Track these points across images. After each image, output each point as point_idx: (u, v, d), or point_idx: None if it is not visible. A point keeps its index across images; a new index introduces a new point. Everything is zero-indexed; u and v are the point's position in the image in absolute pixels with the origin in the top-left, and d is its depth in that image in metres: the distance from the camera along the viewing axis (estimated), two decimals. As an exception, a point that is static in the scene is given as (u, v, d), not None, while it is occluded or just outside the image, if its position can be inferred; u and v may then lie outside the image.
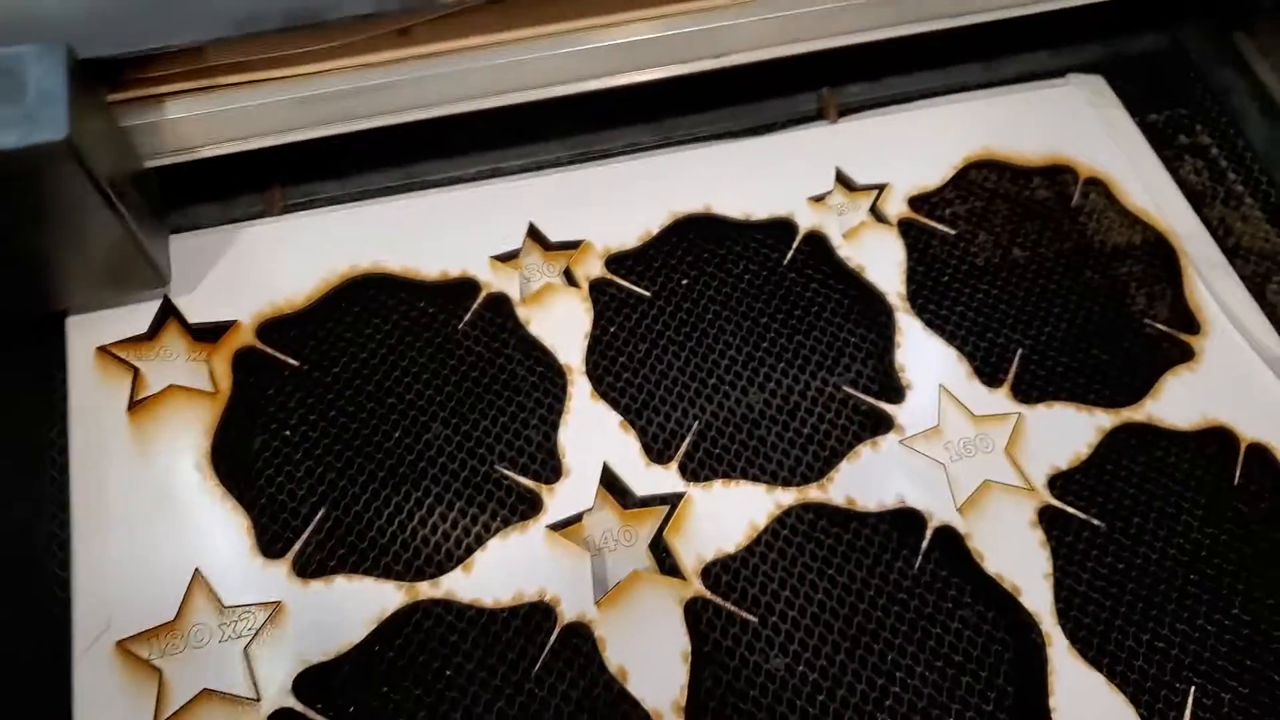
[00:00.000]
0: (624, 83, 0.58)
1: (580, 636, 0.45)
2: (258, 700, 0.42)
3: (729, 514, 0.49)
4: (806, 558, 0.49)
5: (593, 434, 0.50)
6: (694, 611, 0.46)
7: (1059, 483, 0.51)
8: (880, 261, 0.57)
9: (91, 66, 0.43)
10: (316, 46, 0.51)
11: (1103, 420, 0.53)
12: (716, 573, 0.48)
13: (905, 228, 0.59)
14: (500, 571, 0.46)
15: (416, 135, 0.56)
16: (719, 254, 0.57)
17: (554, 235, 0.56)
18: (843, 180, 0.60)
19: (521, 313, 0.54)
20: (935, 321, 0.56)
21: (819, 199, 0.59)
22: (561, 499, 0.48)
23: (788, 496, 0.50)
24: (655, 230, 0.57)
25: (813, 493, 0.50)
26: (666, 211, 0.58)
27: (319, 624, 0.44)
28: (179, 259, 0.53)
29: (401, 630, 0.45)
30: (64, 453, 0.48)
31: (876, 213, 0.59)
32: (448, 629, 0.45)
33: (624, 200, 0.58)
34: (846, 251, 0.57)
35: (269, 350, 0.51)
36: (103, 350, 0.50)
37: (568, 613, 0.45)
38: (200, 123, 0.51)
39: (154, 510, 0.46)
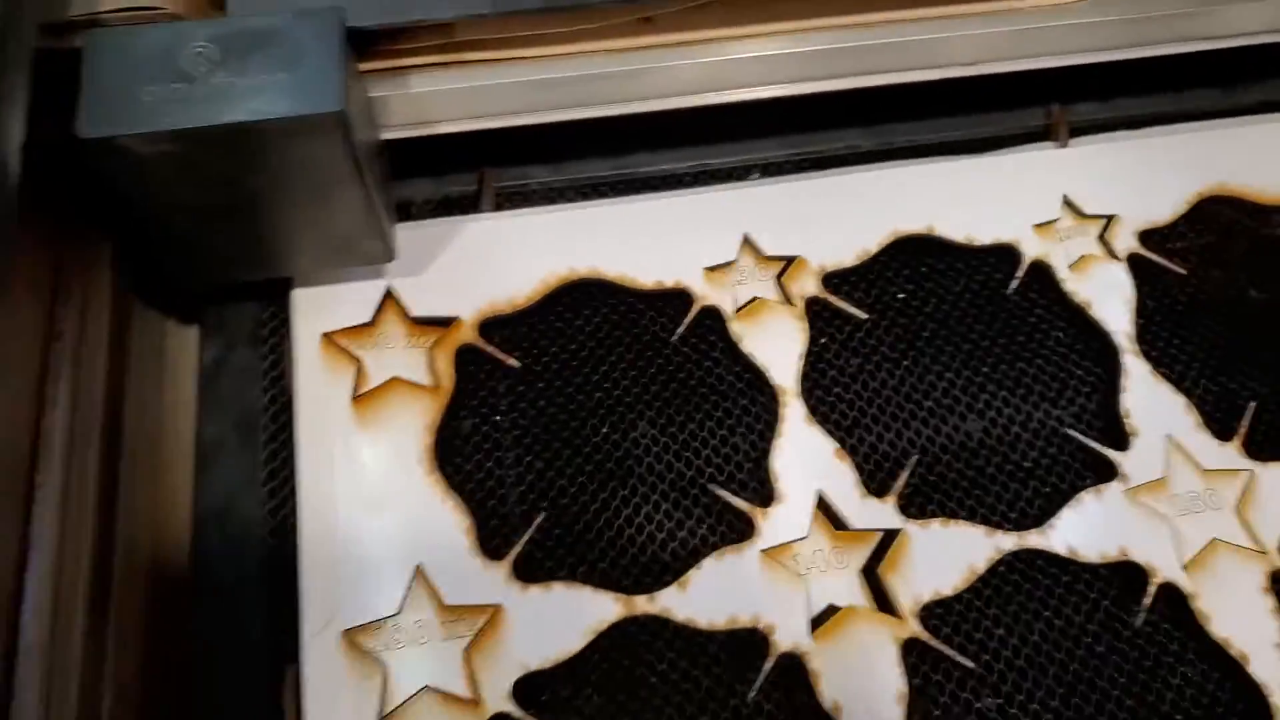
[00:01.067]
0: (848, 86, 0.56)
1: (795, 668, 0.45)
2: (478, 703, 0.43)
3: (947, 555, 0.48)
4: (1024, 604, 0.47)
5: (807, 460, 0.49)
6: (910, 652, 0.45)
7: (1295, 548, 0.49)
8: (1108, 298, 0.55)
9: (352, 35, 0.44)
10: (560, 29, 0.50)
11: (1345, 485, 0.50)
12: (934, 614, 0.46)
13: (1135, 263, 0.56)
14: (715, 592, 0.46)
15: (629, 127, 0.55)
16: (939, 272, 0.56)
17: (769, 249, 0.55)
18: (1071, 208, 0.57)
19: (734, 328, 0.53)
20: (1164, 366, 0.53)
21: (1045, 226, 0.57)
22: (775, 523, 0.48)
23: (1008, 542, 0.48)
24: (874, 249, 0.56)
25: (1033, 539, 0.48)
26: (888, 230, 0.56)
27: (538, 630, 0.45)
28: (401, 248, 0.53)
29: (618, 643, 0.45)
30: (276, 422, 0.49)
31: (1105, 244, 0.56)
32: (663, 646, 0.45)
33: (842, 215, 0.56)
34: (1072, 285, 0.55)
35: (489, 349, 0.52)
36: (328, 338, 0.51)
37: (782, 642, 0.45)
38: (440, 99, 0.51)
39: (378, 504, 0.47)
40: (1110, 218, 0.57)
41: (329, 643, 0.44)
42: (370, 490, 0.47)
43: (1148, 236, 0.57)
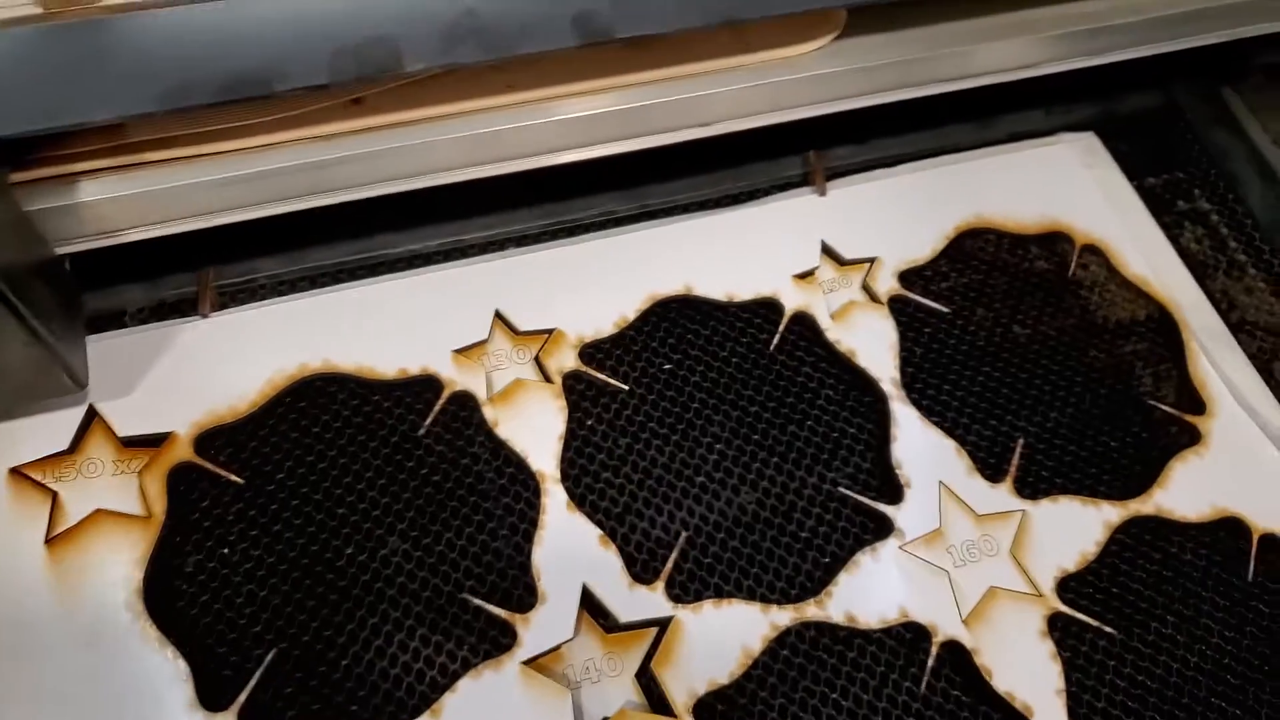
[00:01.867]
0: (599, 155, 0.54)
1: (564, 792, 0.41)
2: None
3: (721, 638, 0.45)
4: (807, 683, 0.45)
5: (570, 551, 0.46)
6: (687, 755, 0.42)
7: (1069, 586, 0.48)
8: (872, 344, 0.54)
9: None
10: (254, 120, 0.46)
11: (1110, 514, 0.50)
12: (710, 707, 0.43)
13: (897, 305, 0.55)
14: (473, 718, 0.42)
15: (371, 207, 0.51)
16: (702, 336, 0.53)
17: (523, 324, 0.52)
18: (829, 254, 0.56)
19: (489, 413, 0.49)
20: (933, 411, 0.53)
21: (805, 275, 0.55)
22: (538, 628, 0.44)
23: (784, 616, 0.46)
24: (632, 315, 0.53)
25: (810, 610, 0.46)
26: (644, 294, 0.54)
27: (268, 791, 0.39)
28: (103, 362, 0.48)
29: (362, 794, 0.40)
30: None
31: (867, 290, 0.55)
32: (415, 790, 0.41)
33: (597, 282, 0.54)
34: (836, 333, 0.54)
35: (208, 465, 0.46)
36: (16, 472, 0.45)
37: (548, 764, 0.41)
38: (121, 204, 0.45)
39: (79, 660, 0.41)
40: (871, 260, 0.56)
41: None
42: (70, 645, 0.41)
43: (908, 276, 0.56)
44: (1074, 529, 0.50)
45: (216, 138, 0.45)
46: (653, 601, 0.45)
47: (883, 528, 0.49)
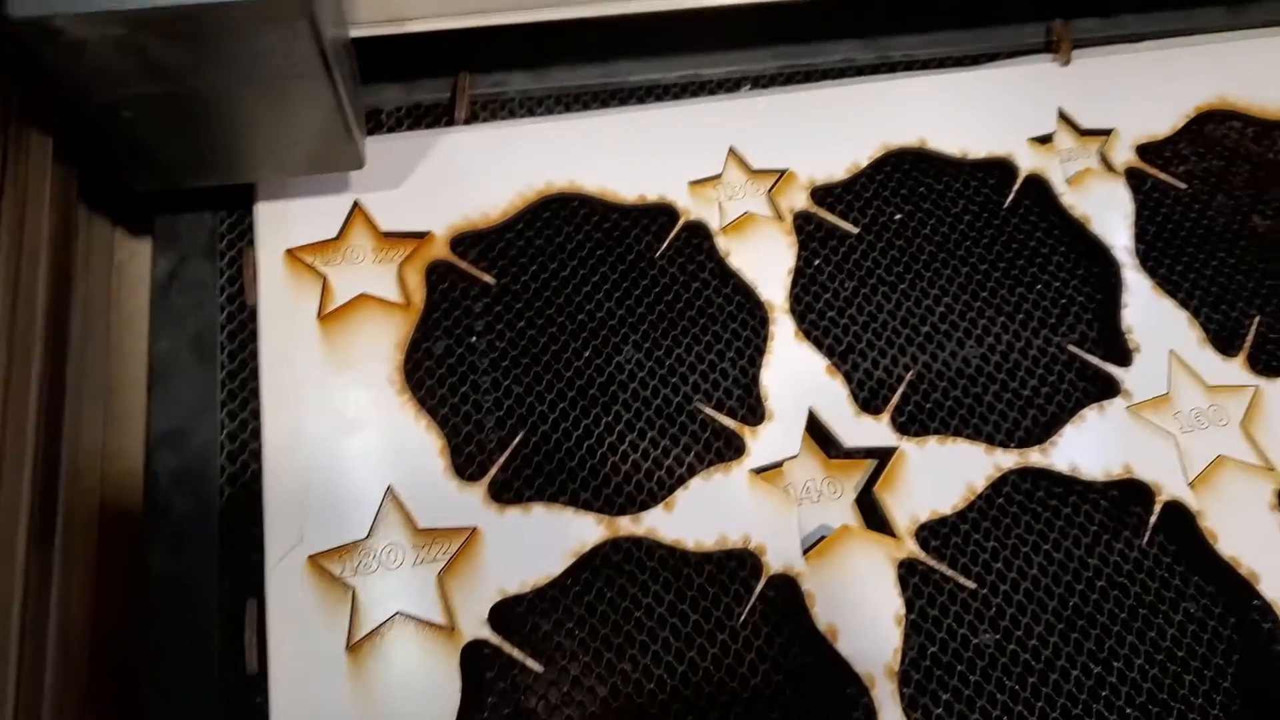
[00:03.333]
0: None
1: (787, 589, 0.43)
2: (452, 630, 0.40)
3: (945, 473, 0.45)
4: (1025, 526, 0.45)
5: (797, 377, 0.47)
6: (908, 573, 0.43)
7: (1301, 466, 0.47)
8: (1106, 212, 0.53)
9: None
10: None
11: (1351, 402, 0.48)
12: (930, 534, 0.44)
13: (1134, 178, 0.54)
14: (703, 512, 0.44)
15: (616, 32, 0.53)
16: (935, 190, 0.53)
17: (756, 162, 0.52)
18: (1067, 122, 0.55)
19: (721, 243, 0.50)
20: (1167, 282, 0.51)
21: (1042, 140, 0.54)
22: (765, 443, 0.45)
23: (1008, 459, 0.46)
24: (864, 162, 0.53)
25: (1034, 456, 0.46)
26: (877, 143, 0.54)
27: (516, 554, 0.42)
28: (370, 160, 0.50)
29: (600, 566, 0.43)
30: (235, 340, 0.47)
31: (1104, 159, 0.54)
32: (649, 569, 0.43)
33: (831, 129, 0.54)
34: (1070, 199, 0.53)
35: (462, 264, 0.49)
36: (291, 254, 0.48)
37: (773, 563, 0.43)
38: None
39: (346, 424, 0.44)
40: (1109, 132, 0.55)
41: (294, 569, 0.41)
42: (338, 411, 0.44)
43: (1146, 151, 0.55)
44: (1309, 412, 0.48)
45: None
46: (878, 431, 0.46)
47: (1109, 388, 0.48)
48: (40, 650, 0.38)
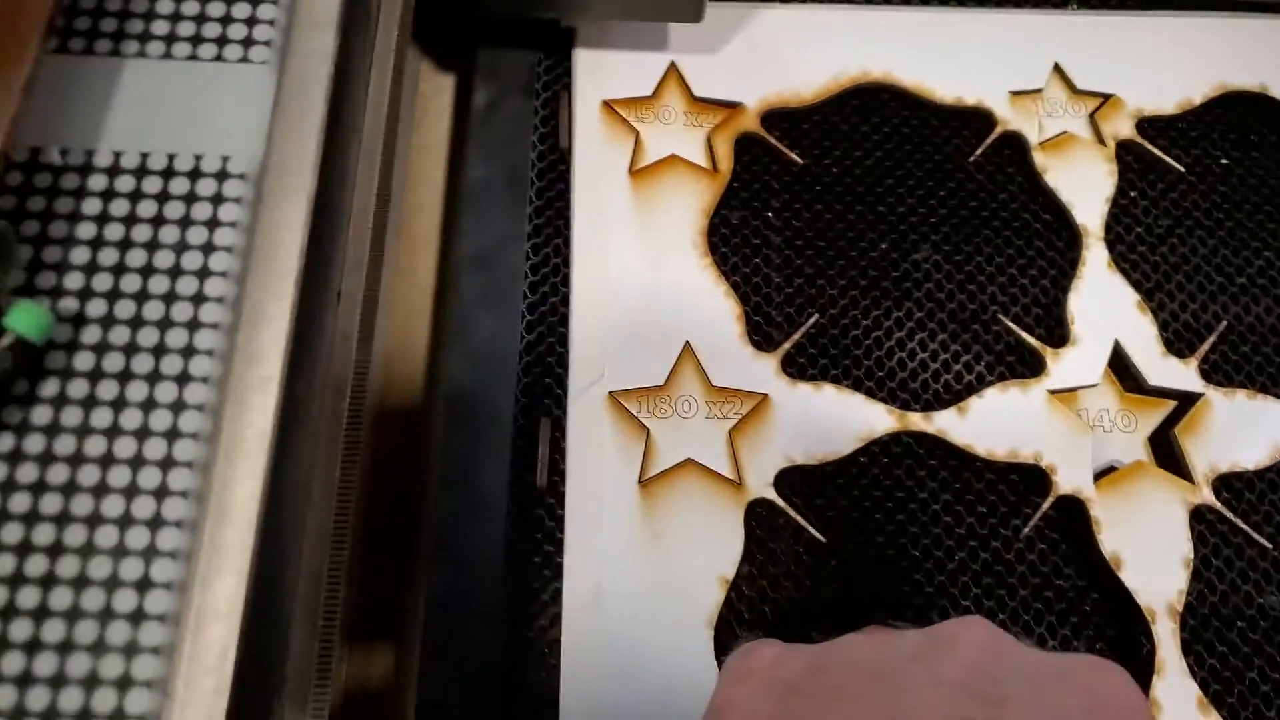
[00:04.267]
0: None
1: (1075, 512, 0.42)
2: (739, 484, 0.41)
3: (1250, 428, 0.44)
4: (1335, 492, 0.43)
5: (1106, 307, 0.46)
6: (1200, 520, 0.42)
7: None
8: None
9: None
10: None
11: None
12: (1227, 486, 0.43)
13: None
14: (996, 423, 0.43)
15: None
16: (1271, 139, 0.50)
17: (1081, 82, 0.50)
18: None
19: (1038, 158, 0.48)
20: None
21: (1399, 103, 0.50)
22: (1065, 366, 0.44)
23: (1321, 425, 0.44)
24: (1198, 100, 0.50)
25: (1355, 427, 0.44)
26: (1214, 82, 0.51)
27: (805, 427, 0.42)
28: (689, 27, 0.50)
29: (887, 455, 0.43)
30: (545, 178, 0.48)
31: None
32: (935, 466, 0.43)
33: (1166, 60, 0.51)
34: None
35: (771, 139, 0.48)
36: (607, 105, 0.49)
37: (1063, 484, 0.42)
38: None
39: (650, 277, 0.45)
40: None
41: (595, 401, 0.42)
42: (642, 262, 0.45)
43: None
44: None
45: None
46: (1184, 375, 0.44)
47: None
48: (355, 435, 0.41)
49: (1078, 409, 0.44)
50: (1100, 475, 0.42)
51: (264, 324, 0.28)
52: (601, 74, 0.49)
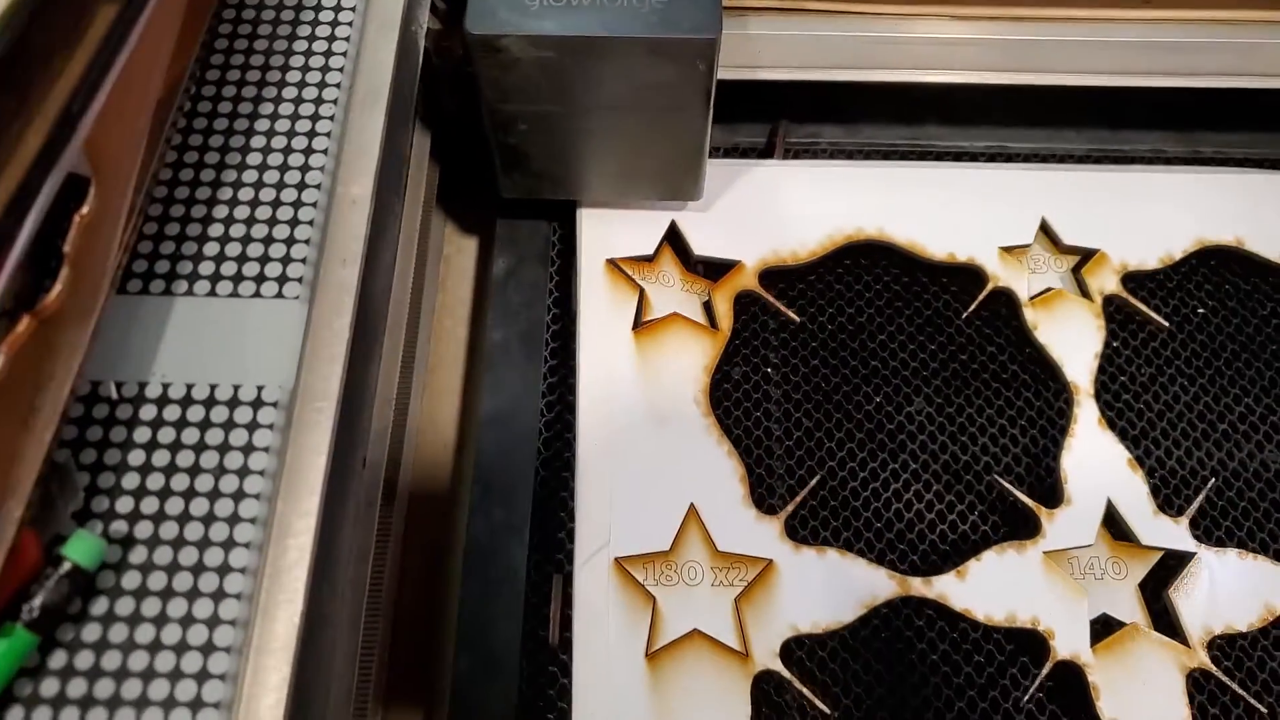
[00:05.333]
0: (1161, 85, 0.53)
1: (1073, 678, 0.43)
2: (746, 656, 0.42)
3: (1242, 588, 0.45)
4: (1322, 657, 0.44)
5: (1098, 465, 0.47)
6: (1197, 683, 0.43)
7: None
8: None
9: None
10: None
11: None
12: (1223, 648, 0.44)
13: None
14: (995, 586, 0.44)
15: (928, 97, 0.54)
16: (1242, 291, 0.52)
17: (1067, 237, 0.52)
18: (1402, 241, 0.53)
19: (1029, 315, 0.50)
20: None
21: (1369, 257, 0.52)
22: (1060, 526, 0.45)
23: (1310, 585, 0.45)
24: (1177, 255, 0.52)
25: (1337, 587, 0.45)
26: (1192, 237, 0.53)
27: (810, 593, 0.43)
28: (689, 185, 0.52)
29: (889, 622, 0.44)
30: (557, 339, 0.50)
31: None
32: (935, 634, 0.44)
33: (1146, 215, 0.53)
34: (1395, 323, 0.51)
35: (768, 297, 0.50)
36: (611, 263, 0.50)
37: (1061, 649, 0.43)
38: (767, 43, 0.49)
39: (653, 435, 0.46)
40: None
41: (601, 566, 0.43)
42: (646, 419, 0.46)
43: None
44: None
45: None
46: (1176, 533, 0.46)
47: None
48: (377, 601, 0.42)
49: (1071, 567, 0.45)
50: (1093, 626, 0.43)
51: (290, 538, 0.29)
52: (606, 232, 0.51)
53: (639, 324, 0.49)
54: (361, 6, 0.34)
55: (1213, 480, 0.47)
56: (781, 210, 0.52)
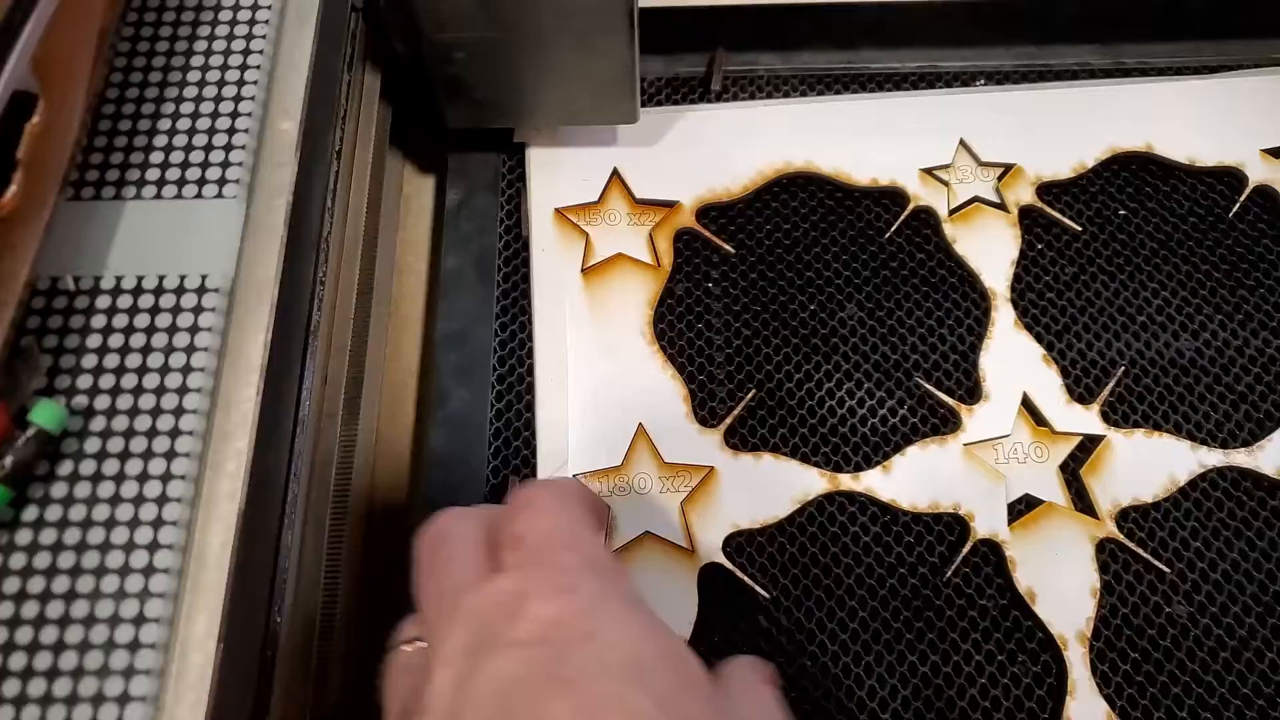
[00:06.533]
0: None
1: (992, 554, 0.47)
2: (693, 552, 0.46)
3: (1149, 464, 0.49)
4: (1225, 521, 0.48)
5: (1014, 362, 0.51)
6: (1105, 551, 0.47)
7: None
8: (1337, 228, 0.54)
9: None
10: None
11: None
12: (1131, 518, 0.48)
13: (1369, 195, 0.54)
14: (918, 477, 0.48)
15: (859, 20, 0.58)
16: (1160, 192, 0.55)
17: (985, 155, 0.56)
18: (1307, 135, 0.56)
19: (948, 229, 0.54)
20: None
21: (1275, 153, 0.55)
22: (980, 420, 0.49)
23: (1212, 458, 0.49)
24: (1090, 163, 0.56)
25: (1239, 457, 0.49)
26: (1104, 145, 0.56)
27: (748, 494, 0.48)
28: (627, 131, 0.56)
29: (821, 513, 0.48)
30: (510, 265, 0.54)
31: (1339, 175, 0.55)
32: (864, 522, 0.48)
33: (1059, 128, 0.56)
34: (1300, 211, 0.54)
35: (705, 232, 0.54)
36: (559, 213, 0.54)
37: (980, 529, 0.47)
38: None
39: (604, 367, 0.51)
40: (1351, 146, 0.55)
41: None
42: (597, 352, 0.51)
43: (1386, 169, 0.55)
44: None
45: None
46: (1087, 419, 0.49)
47: (1321, 400, 0.50)
48: (345, 498, 0.47)
49: (994, 459, 0.49)
50: (1017, 508, 0.47)
51: (234, 407, 0.34)
52: (552, 180, 0.55)
53: (586, 267, 0.53)
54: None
55: (1122, 368, 0.51)
56: (717, 150, 0.56)
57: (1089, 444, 0.49)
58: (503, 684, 0.26)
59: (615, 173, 0.55)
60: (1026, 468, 0.48)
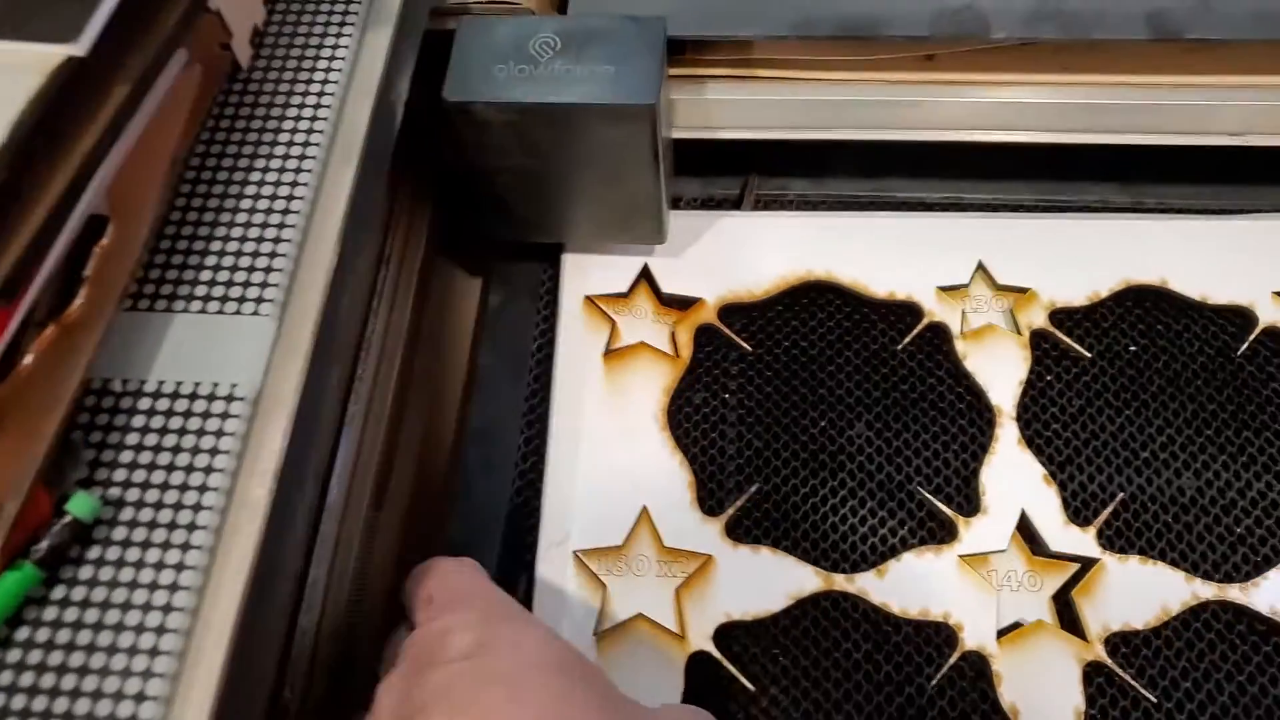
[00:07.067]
0: (1104, 142, 0.59)
1: (978, 666, 0.47)
2: (683, 638, 0.48)
3: (1141, 591, 0.49)
4: (1217, 657, 0.48)
5: (1015, 479, 0.52)
6: (1092, 675, 0.47)
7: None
8: (1347, 375, 0.54)
9: (669, 43, 0.50)
10: (848, 57, 0.56)
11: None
12: (1119, 644, 0.48)
13: (1381, 345, 0.55)
14: (911, 584, 0.49)
15: (890, 153, 0.61)
16: (1172, 330, 0.57)
17: (1001, 278, 0.58)
18: (1317, 283, 0.57)
19: (960, 346, 0.56)
20: (1401, 452, 0.53)
21: (1285, 295, 0.57)
22: (976, 533, 0.50)
23: (1207, 591, 0.49)
24: (1104, 293, 0.57)
25: (1234, 593, 0.49)
26: (1119, 277, 0.58)
27: (743, 586, 0.49)
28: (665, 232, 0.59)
29: (813, 612, 0.49)
30: (541, 365, 0.57)
31: (1353, 323, 0.56)
32: (854, 622, 0.49)
33: (1075, 257, 0.58)
34: (1310, 357, 0.55)
35: (726, 330, 0.57)
36: (589, 299, 0.58)
37: (969, 640, 0.48)
38: (727, 107, 0.57)
39: (616, 447, 0.53)
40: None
41: (562, 558, 0.50)
42: (610, 433, 0.53)
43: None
44: None
45: (813, 66, 0.56)
46: (1083, 542, 0.50)
47: (1322, 544, 0.50)
48: (363, 589, 0.49)
49: (987, 572, 0.50)
50: (1005, 631, 0.48)
51: (246, 506, 0.36)
52: (585, 273, 0.59)
53: (609, 350, 0.56)
54: (344, 80, 0.43)
55: (1120, 494, 0.52)
56: (742, 255, 0.59)
57: (1081, 566, 0.50)
58: (439, 689, 0.32)
59: (645, 269, 0.59)
60: (1019, 595, 0.49)
